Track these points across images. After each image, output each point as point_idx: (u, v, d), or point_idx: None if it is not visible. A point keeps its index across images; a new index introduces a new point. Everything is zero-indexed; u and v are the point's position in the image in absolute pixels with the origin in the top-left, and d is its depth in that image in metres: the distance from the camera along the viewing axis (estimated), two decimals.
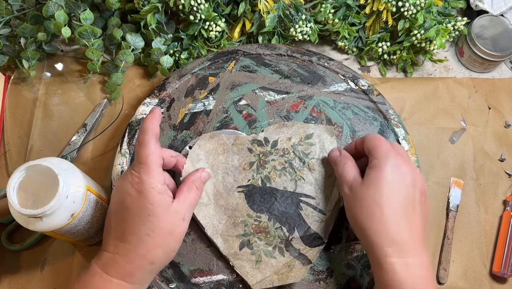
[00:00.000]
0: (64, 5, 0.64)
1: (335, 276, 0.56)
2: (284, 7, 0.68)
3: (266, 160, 0.58)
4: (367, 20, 0.71)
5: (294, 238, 0.55)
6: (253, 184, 0.57)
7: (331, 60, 0.66)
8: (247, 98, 0.63)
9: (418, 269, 0.46)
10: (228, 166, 0.58)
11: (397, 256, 0.46)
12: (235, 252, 0.55)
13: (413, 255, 0.47)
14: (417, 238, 0.48)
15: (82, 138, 0.66)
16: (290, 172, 0.57)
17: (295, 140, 0.59)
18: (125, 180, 0.49)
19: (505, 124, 0.70)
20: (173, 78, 0.65)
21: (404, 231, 0.47)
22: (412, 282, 0.45)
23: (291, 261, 0.55)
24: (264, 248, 0.55)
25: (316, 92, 0.63)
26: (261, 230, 0.56)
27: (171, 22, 0.69)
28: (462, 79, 0.72)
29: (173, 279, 0.56)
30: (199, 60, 0.66)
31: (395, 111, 0.63)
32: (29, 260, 0.61)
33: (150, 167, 0.48)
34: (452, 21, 0.68)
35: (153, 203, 0.47)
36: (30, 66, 0.67)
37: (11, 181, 0.47)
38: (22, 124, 0.68)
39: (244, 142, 0.59)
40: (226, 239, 0.56)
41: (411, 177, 0.49)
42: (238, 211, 0.56)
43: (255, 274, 0.54)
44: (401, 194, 0.48)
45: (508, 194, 0.66)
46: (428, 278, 0.47)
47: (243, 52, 0.66)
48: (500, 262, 0.61)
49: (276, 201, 0.57)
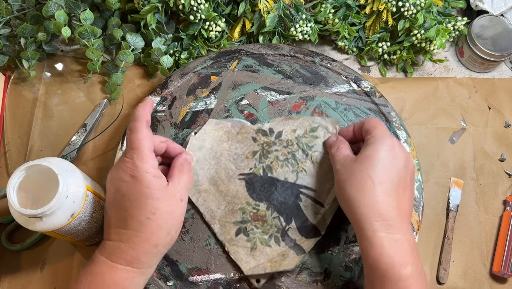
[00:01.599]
0: (64, 5, 0.64)
1: (332, 277, 0.56)
2: (284, 7, 0.68)
3: (270, 150, 0.59)
4: (367, 20, 0.71)
5: (290, 228, 0.56)
6: (254, 173, 0.58)
7: (334, 61, 0.66)
8: (249, 98, 0.63)
9: (405, 245, 0.47)
10: (231, 153, 0.59)
11: (385, 230, 0.46)
12: (231, 237, 0.56)
13: (401, 232, 0.47)
14: (404, 218, 0.48)
15: (82, 138, 0.66)
16: (292, 163, 0.58)
17: (300, 132, 0.59)
18: (118, 168, 0.49)
19: (505, 124, 0.70)
20: (175, 77, 0.65)
21: (393, 208, 0.47)
22: (400, 256, 0.46)
23: (285, 251, 0.55)
24: (260, 236, 0.56)
25: (318, 93, 0.63)
26: (259, 218, 0.56)
27: (171, 22, 0.69)
28: (462, 79, 0.72)
29: (171, 277, 0.56)
30: (202, 59, 0.66)
31: (397, 114, 0.63)
32: (29, 260, 0.61)
33: (143, 152, 0.48)
34: (452, 21, 0.68)
35: (149, 187, 0.47)
36: (30, 66, 0.67)
37: (11, 181, 0.47)
38: (22, 124, 0.68)
39: (249, 131, 0.60)
40: (223, 224, 0.57)
41: (404, 159, 0.50)
42: (238, 198, 0.57)
43: (249, 261, 0.55)
44: (394, 173, 0.49)
45: (508, 194, 0.66)
46: (415, 254, 0.47)
47: (245, 51, 0.66)
48: (500, 262, 0.61)
49: (276, 191, 0.57)
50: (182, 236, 0.57)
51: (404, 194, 0.49)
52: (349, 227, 0.57)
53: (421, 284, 0.46)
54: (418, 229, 0.58)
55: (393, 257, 0.45)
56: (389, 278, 0.45)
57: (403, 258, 0.46)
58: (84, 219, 0.53)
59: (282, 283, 0.56)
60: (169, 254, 0.57)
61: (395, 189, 0.48)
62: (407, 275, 0.45)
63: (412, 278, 0.45)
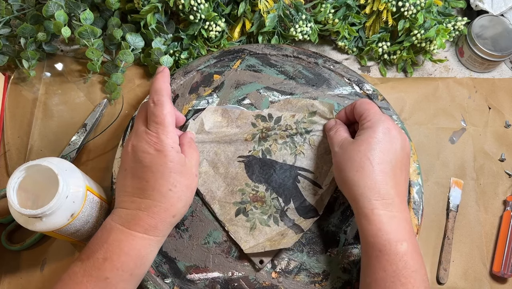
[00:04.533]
0: (64, 5, 0.64)
1: (330, 279, 0.56)
2: (284, 7, 0.68)
3: (268, 134, 0.60)
4: (367, 20, 0.71)
5: (289, 208, 0.57)
6: (253, 155, 0.59)
7: (337, 63, 0.66)
8: (251, 98, 0.63)
9: (403, 222, 0.48)
10: (230, 136, 0.60)
11: (384, 208, 0.48)
12: (231, 218, 0.57)
13: (399, 210, 0.48)
14: (402, 196, 0.50)
15: (82, 138, 0.66)
16: (290, 146, 0.59)
17: (299, 117, 0.60)
18: (141, 140, 0.50)
19: (505, 124, 0.70)
20: (178, 75, 0.65)
21: (391, 187, 0.49)
22: (398, 233, 0.47)
23: (284, 230, 0.56)
24: (259, 216, 0.57)
25: (321, 94, 0.64)
26: (258, 199, 0.58)
27: (171, 22, 0.69)
28: (462, 79, 0.72)
29: (169, 274, 0.56)
30: (205, 58, 0.66)
31: (399, 117, 0.63)
32: (29, 260, 0.61)
33: (168, 128, 0.50)
34: (452, 21, 0.68)
35: (173, 161, 0.49)
36: (30, 66, 0.67)
37: (11, 181, 0.47)
38: (22, 124, 0.68)
39: (248, 117, 0.61)
40: (223, 205, 0.58)
41: (401, 140, 0.51)
42: (237, 180, 0.58)
43: (248, 240, 0.56)
44: (391, 155, 0.50)
45: (508, 194, 0.66)
46: (411, 232, 0.49)
47: (249, 51, 0.66)
48: (500, 262, 0.61)
49: (274, 173, 0.58)
50: (181, 233, 0.57)
51: (401, 174, 0.51)
52: (348, 228, 0.58)
53: (416, 260, 0.47)
54: (417, 232, 0.58)
55: (390, 233, 0.47)
56: (385, 253, 0.46)
57: (400, 234, 0.47)
58: (84, 219, 0.53)
59: (280, 284, 0.56)
60: (168, 251, 0.57)
61: (393, 169, 0.50)
62: (403, 251, 0.46)
63: (408, 253, 0.46)
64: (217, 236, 0.57)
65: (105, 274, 0.46)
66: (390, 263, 0.46)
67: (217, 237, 0.57)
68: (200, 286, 0.56)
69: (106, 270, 0.46)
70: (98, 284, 0.46)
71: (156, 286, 0.56)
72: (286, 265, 0.56)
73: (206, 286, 0.56)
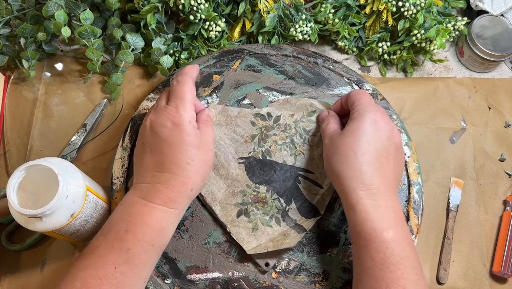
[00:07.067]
0: (64, 5, 0.64)
1: (331, 279, 0.56)
2: (284, 7, 0.68)
3: (268, 134, 0.60)
4: (367, 20, 0.71)
5: (291, 208, 0.57)
6: (253, 156, 0.59)
7: (337, 63, 0.66)
8: (250, 98, 0.63)
9: (389, 211, 0.48)
10: (230, 137, 0.60)
11: (369, 198, 0.48)
12: (232, 219, 0.57)
13: (385, 199, 0.49)
14: (388, 186, 0.50)
15: (82, 138, 0.66)
16: (290, 146, 0.59)
17: (298, 117, 0.61)
18: (160, 114, 0.52)
19: (505, 124, 0.70)
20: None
21: (377, 177, 0.49)
22: (383, 221, 0.47)
23: (287, 231, 0.56)
24: (261, 217, 0.57)
25: (320, 94, 0.64)
26: (259, 200, 0.58)
27: (171, 22, 0.69)
28: (462, 79, 0.72)
29: (169, 274, 0.56)
30: (205, 58, 0.66)
31: (399, 117, 0.63)
32: (29, 260, 0.61)
33: (187, 103, 0.52)
34: (452, 21, 0.68)
35: (191, 135, 0.51)
36: (30, 66, 0.67)
37: (11, 181, 0.47)
38: (22, 124, 0.68)
39: (247, 115, 0.61)
40: (224, 206, 0.57)
41: (388, 130, 0.51)
42: (238, 181, 0.58)
43: (250, 241, 0.56)
44: (376, 145, 0.50)
45: (508, 194, 0.66)
46: (399, 220, 0.49)
47: (248, 51, 0.66)
48: (500, 262, 0.61)
49: (275, 174, 0.59)
50: (181, 234, 0.57)
51: (387, 163, 0.51)
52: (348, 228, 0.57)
53: (404, 246, 0.47)
54: (417, 232, 0.58)
55: (375, 222, 0.47)
56: (371, 241, 0.47)
57: (386, 223, 0.47)
58: (84, 219, 0.53)
59: (281, 284, 0.56)
60: (168, 252, 0.57)
61: (379, 159, 0.50)
62: (389, 238, 0.46)
63: (395, 241, 0.47)
64: (217, 236, 0.57)
65: (127, 244, 0.47)
66: (377, 251, 0.46)
67: (217, 237, 0.57)
68: (200, 287, 0.56)
69: (128, 241, 0.47)
70: (121, 255, 0.46)
71: (157, 286, 0.56)
72: (286, 265, 0.56)
73: (207, 286, 0.56)
